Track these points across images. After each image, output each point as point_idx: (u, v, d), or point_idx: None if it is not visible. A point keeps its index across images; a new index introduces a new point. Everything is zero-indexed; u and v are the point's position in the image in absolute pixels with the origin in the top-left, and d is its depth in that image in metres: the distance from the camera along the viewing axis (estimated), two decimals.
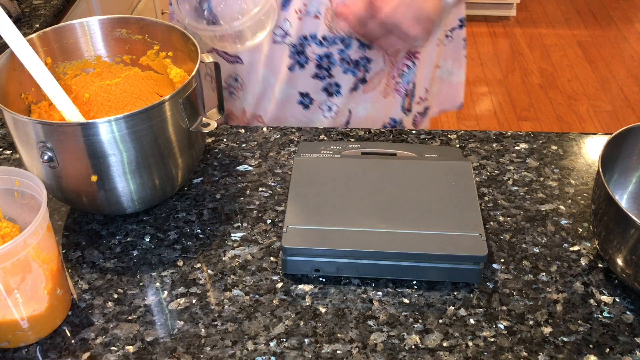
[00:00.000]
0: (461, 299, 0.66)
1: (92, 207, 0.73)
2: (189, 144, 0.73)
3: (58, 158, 0.66)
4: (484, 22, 3.34)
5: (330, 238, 0.66)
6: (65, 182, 0.69)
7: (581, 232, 0.74)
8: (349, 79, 0.96)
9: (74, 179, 0.68)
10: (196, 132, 0.72)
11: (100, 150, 0.65)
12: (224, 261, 0.70)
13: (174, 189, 0.76)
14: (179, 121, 0.69)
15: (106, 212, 0.74)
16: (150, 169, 0.70)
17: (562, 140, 0.88)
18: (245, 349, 0.61)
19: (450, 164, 0.76)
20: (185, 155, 0.73)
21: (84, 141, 0.65)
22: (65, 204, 0.76)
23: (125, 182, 0.69)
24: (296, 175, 0.74)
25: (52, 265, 0.60)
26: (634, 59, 3.04)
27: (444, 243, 0.66)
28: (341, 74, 0.96)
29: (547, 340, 0.62)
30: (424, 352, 0.61)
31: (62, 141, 0.65)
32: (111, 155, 0.66)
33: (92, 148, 0.65)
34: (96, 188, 0.69)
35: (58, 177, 0.69)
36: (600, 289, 0.68)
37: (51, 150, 0.65)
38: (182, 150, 0.72)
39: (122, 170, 0.68)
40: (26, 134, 0.66)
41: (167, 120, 0.68)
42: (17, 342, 0.61)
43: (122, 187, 0.69)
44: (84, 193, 0.70)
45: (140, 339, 0.63)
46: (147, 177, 0.70)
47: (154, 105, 0.65)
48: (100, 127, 0.64)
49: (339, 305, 0.66)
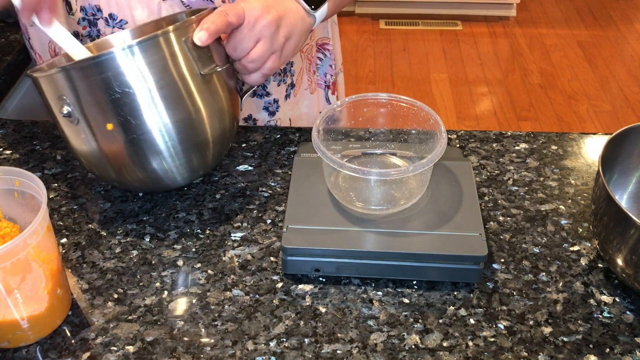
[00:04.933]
0: (461, 299, 0.66)
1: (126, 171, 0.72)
2: (211, 95, 0.71)
3: (75, 109, 0.66)
4: (484, 22, 3.34)
5: (330, 238, 0.66)
6: (96, 146, 0.69)
7: (581, 232, 0.74)
8: (282, 89, 0.98)
9: (96, 134, 0.68)
10: (220, 92, 0.71)
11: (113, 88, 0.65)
12: (224, 261, 0.70)
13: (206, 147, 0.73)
14: (190, 61, 0.68)
15: (147, 173, 0.72)
16: (171, 108, 0.68)
17: (562, 140, 0.88)
18: (245, 349, 0.61)
19: (450, 164, 0.76)
20: (210, 109, 0.71)
21: (95, 80, 0.65)
22: (111, 181, 0.76)
23: (146, 128, 0.67)
24: (296, 175, 0.74)
25: (52, 265, 0.60)
26: (634, 59, 3.04)
27: (444, 243, 0.66)
28: (276, 88, 0.98)
29: (547, 340, 0.62)
30: (424, 352, 0.61)
31: (76, 87, 0.66)
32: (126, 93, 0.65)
33: (104, 85, 0.65)
34: (122, 139, 0.68)
35: (85, 140, 0.69)
36: (600, 289, 0.68)
37: (68, 104, 0.66)
38: (206, 102, 0.70)
39: (141, 110, 0.67)
40: (49, 93, 0.67)
41: (174, 56, 0.67)
42: (17, 342, 0.61)
43: (149, 133, 0.68)
44: (111, 153, 0.69)
45: (140, 339, 0.63)
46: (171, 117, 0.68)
47: (157, 34, 0.66)
48: (108, 61, 0.64)
49: (339, 305, 0.66)
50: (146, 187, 0.76)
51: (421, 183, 0.71)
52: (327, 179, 0.73)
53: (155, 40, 0.66)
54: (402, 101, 0.75)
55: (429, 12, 3.34)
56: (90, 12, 0.85)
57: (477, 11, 3.34)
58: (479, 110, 2.71)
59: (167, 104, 0.67)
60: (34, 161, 0.85)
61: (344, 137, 0.87)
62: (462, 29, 3.28)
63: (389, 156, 0.78)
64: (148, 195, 0.79)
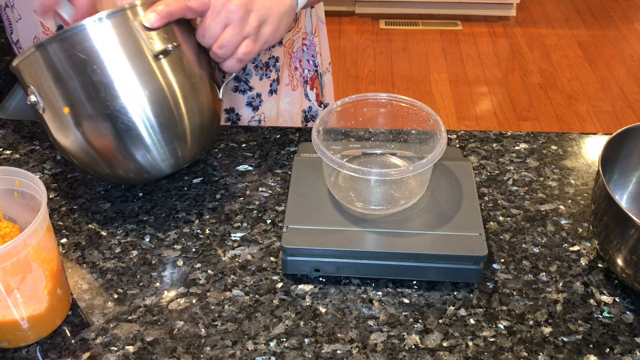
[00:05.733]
0: (461, 299, 0.66)
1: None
2: (176, 73, 0.69)
3: (40, 96, 0.67)
4: (484, 22, 3.34)
5: (330, 238, 0.66)
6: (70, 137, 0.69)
7: (581, 232, 0.74)
8: (265, 83, 0.98)
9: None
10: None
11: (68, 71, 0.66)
12: (224, 261, 0.70)
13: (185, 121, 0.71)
14: (140, 40, 0.67)
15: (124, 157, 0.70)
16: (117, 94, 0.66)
17: (562, 140, 0.88)
18: (245, 349, 0.61)
19: (450, 164, 0.76)
20: (181, 87, 0.70)
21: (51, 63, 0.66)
22: (100, 177, 0.75)
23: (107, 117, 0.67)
24: (296, 175, 0.74)
25: (52, 265, 0.60)
26: (634, 59, 3.04)
27: (444, 243, 0.66)
28: (258, 82, 0.97)
29: (547, 340, 0.62)
30: (424, 352, 0.61)
31: (36, 73, 0.67)
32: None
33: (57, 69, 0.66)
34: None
35: (58, 129, 0.69)
36: (600, 289, 0.68)
37: (33, 92, 0.67)
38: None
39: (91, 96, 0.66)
40: (23, 84, 0.69)
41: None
42: (17, 342, 0.61)
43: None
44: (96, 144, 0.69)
45: (140, 339, 0.63)
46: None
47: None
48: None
49: (339, 305, 0.66)
50: (125, 177, 0.74)
51: (421, 183, 0.71)
52: (327, 179, 0.73)
53: (123, 13, 0.66)
54: (402, 101, 0.75)
55: (429, 12, 3.34)
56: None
57: (477, 11, 3.34)
58: (479, 110, 2.71)
59: (135, 78, 0.67)
60: (34, 161, 0.85)
61: (344, 137, 0.87)
62: (462, 29, 3.28)
63: (389, 156, 0.78)
64: (148, 195, 0.79)
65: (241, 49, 0.72)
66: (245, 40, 0.72)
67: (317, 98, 1.10)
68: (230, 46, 0.71)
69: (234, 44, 0.72)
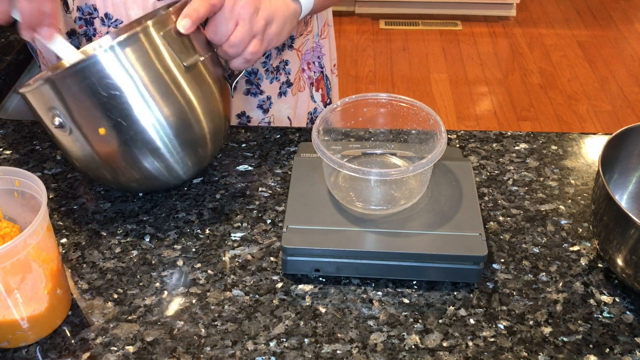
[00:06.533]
0: (461, 299, 0.66)
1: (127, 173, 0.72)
2: (199, 85, 0.71)
3: (66, 119, 0.66)
4: (484, 22, 3.34)
5: (330, 238, 0.66)
6: (88, 150, 0.69)
7: (581, 232, 0.74)
8: (275, 86, 0.99)
9: (89, 139, 0.68)
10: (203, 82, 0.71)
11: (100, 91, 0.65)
12: (224, 261, 0.70)
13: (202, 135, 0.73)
14: (172, 53, 0.68)
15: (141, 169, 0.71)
16: (159, 104, 0.67)
17: (562, 140, 0.88)
18: (245, 349, 0.61)
19: (450, 164, 0.76)
20: (200, 100, 0.71)
21: (84, 86, 0.65)
22: (107, 183, 0.76)
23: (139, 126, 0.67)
24: (296, 175, 0.74)
25: (52, 265, 0.60)
26: (634, 59, 3.04)
27: (444, 243, 0.66)
28: (269, 85, 0.98)
29: (547, 340, 0.62)
30: (424, 352, 0.61)
31: (66, 93, 0.65)
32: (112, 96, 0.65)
33: (91, 90, 0.65)
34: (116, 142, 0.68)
35: (81, 148, 0.69)
36: (600, 289, 0.68)
37: (58, 115, 0.66)
38: (197, 94, 0.70)
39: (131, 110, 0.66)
40: (39, 107, 0.68)
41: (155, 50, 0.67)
42: (17, 342, 0.61)
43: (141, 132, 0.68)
44: (107, 157, 0.69)
45: (140, 339, 0.63)
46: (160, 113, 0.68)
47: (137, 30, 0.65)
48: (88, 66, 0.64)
49: (339, 305, 0.66)
50: (146, 187, 0.76)
51: (421, 183, 0.71)
52: (327, 179, 0.73)
53: (135, 36, 0.65)
54: (402, 101, 0.75)
55: (429, 12, 3.34)
56: (87, 11, 0.85)
57: (477, 11, 3.34)
58: (479, 110, 2.71)
59: (156, 100, 0.67)
60: (34, 161, 0.85)
61: (344, 137, 0.87)
62: (462, 29, 3.28)
63: (389, 156, 0.78)
64: (148, 195, 0.79)
65: (249, 49, 0.74)
66: (253, 40, 0.73)
67: (323, 99, 1.10)
68: (241, 45, 0.73)
69: (245, 43, 0.73)
